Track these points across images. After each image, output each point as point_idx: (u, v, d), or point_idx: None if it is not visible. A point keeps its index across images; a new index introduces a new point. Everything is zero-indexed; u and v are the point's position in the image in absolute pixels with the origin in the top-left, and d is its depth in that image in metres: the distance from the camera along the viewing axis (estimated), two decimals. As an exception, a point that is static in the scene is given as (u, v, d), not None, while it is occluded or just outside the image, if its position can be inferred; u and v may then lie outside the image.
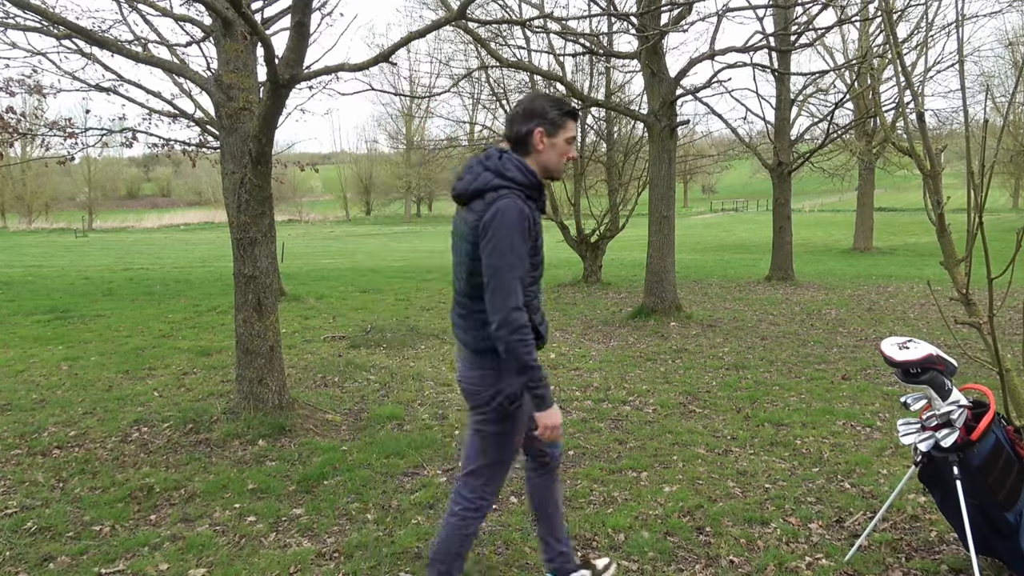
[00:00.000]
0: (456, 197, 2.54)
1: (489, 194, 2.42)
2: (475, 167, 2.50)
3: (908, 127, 3.61)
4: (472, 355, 2.56)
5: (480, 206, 2.41)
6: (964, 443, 2.81)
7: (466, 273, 2.49)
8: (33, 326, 9.46)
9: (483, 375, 2.55)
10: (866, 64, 12.07)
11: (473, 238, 2.42)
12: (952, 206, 3.28)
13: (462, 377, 2.63)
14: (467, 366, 2.60)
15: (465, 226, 2.47)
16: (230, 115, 5.14)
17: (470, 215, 2.45)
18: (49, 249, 28.56)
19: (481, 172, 2.46)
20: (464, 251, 2.48)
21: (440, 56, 22.06)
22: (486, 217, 2.38)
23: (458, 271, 2.56)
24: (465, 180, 2.49)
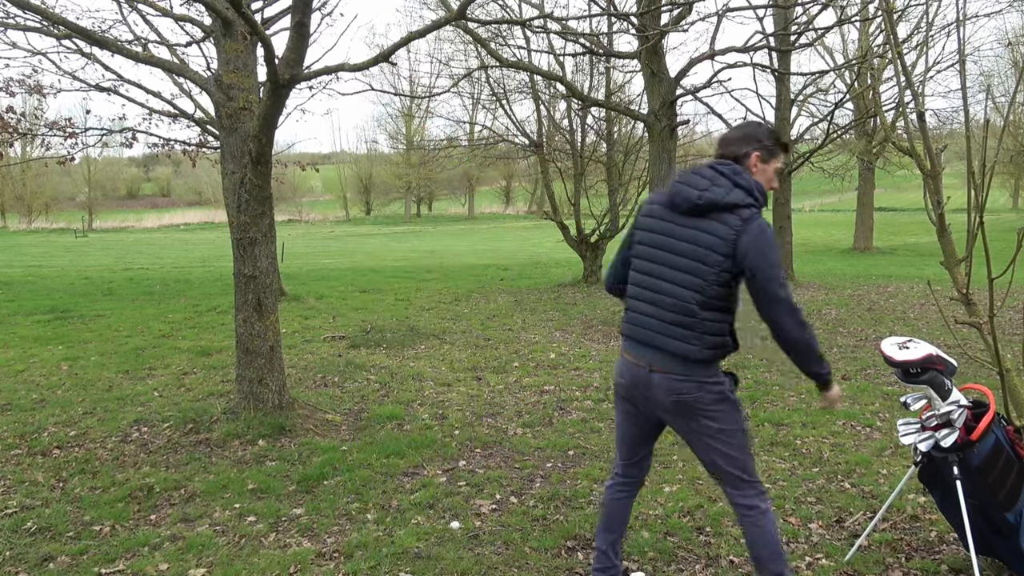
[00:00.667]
0: (697, 207, 2.52)
1: (743, 210, 2.50)
2: (721, 180, 2.54)
3: (908, 127, 3.61)
4: (686, 365, 2.55)
5: (734, 221, 2.48)
6: (964, 443, 2.81)
7: (710, 282, 2.50)
8: (33, 326, 9.46)
9: (701, 382, 2.56)
10: (866, 64, 12.07)
11: (726, 249, 2.47)
12: (952, 206, 3.28)
13: (672, 390, 2.57)
14: (677, 379, 2.56)
15: (709, 236, 2.50)
16: (230, 115, 5.14)
17: (716, 225, 2.49)
18: (49, 249, 28.55)
19: (732, 188, 2.52)
20: (710, 260, 2.49)
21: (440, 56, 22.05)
22: (750, 234, 2.46)
23: (692, 281, 2.53)
24: (714, 191, 2.51)
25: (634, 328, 2.68)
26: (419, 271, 17.11)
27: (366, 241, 34.66)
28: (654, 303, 2.62)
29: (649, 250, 2.67)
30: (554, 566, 3.23)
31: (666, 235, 2.61)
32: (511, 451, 4.75)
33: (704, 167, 2.61)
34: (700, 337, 2.54)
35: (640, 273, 2.69)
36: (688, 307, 2.53)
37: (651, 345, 2.61)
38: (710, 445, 2.63)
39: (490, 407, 5.75)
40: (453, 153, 19.36)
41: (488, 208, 64.25)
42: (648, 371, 2.62)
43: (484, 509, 3.83)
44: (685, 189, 2.56)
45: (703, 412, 2.58)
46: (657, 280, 2.61)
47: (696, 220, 2.54)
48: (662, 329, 2.58)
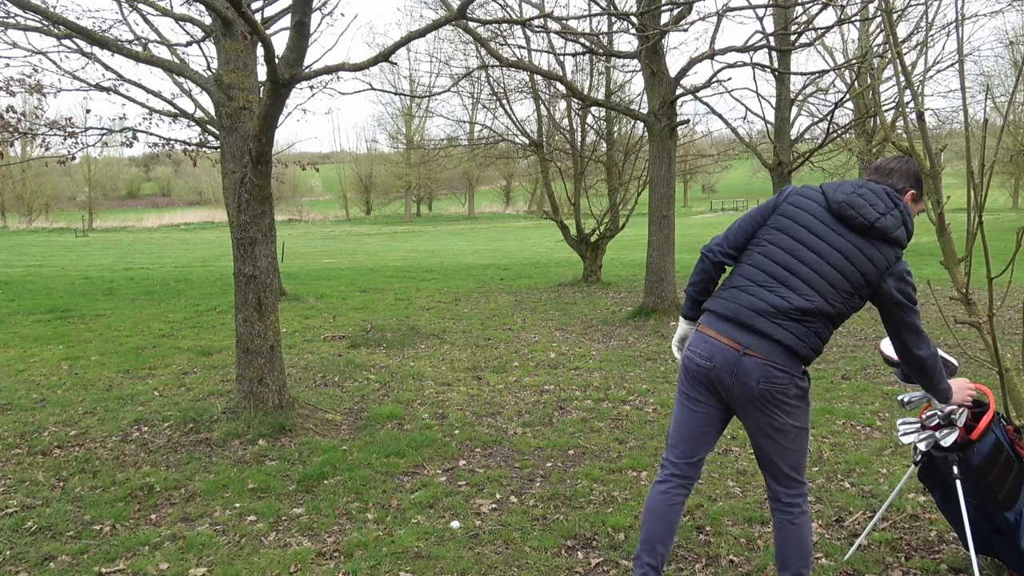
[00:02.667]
0: (867, 228, 2.53)
1: (899, 250, 2.56)
2: (896, 212, 2.56)
3: (908, 126, 3.61)
4: (787, 357, 2.52)
5: (892, 256, 2.54)
6: (964, 442, 2.81)
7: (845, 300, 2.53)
8: (33, 326, 9.46)
9: (792, 375, 2.53)
10: (866, 64, 12.06)
11: (876, 280, 2.52)
12: (952, 205, 3.28)
13: (764, 376, 2.51)
14: (777, 367, 2.51)
15: (867, 261, 2.52)
16: (230, 115, 5.14)
17: (877, 254, 2.52)
18: (49, 249, 28.56)
19: (901, 224, 2.56)
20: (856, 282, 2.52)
21: (440, 56, 22.06)
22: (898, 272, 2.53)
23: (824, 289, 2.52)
24: (889, 221, 2.54)
25: (739, 308, 2.57)
26: (419, 271, 17.12)
27: (366, 241, 34.67)
28: (779, 293, 2.54)
29: (793, 243, 2.58)
30: (554, 566, 3.23)
31: (822, 238, 2.56)
32: (511, 451, 4.75)
33: (882, 190, 2.60)
34: (810, 336, 2.53)
35: (770, 259, 2.60)
36: (817, 310, 2.51)
37: (754, 329, 2.52)
38: (775, 439, 2.58)
39: (490, 407, 5.76)
40: (453, 153, 19.37)
41: (488, 208, 64.26)
42: (741, 354, 2.53)
43: (484, 509, 3.83)
44: (865, 207, 2.54)
45: (784, 405, 2.54)
46: (793, 275, 2.55)
47: (859, 238, 2.54)
48: (776, 318, 2.51)
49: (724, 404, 2.65)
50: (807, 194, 2.66)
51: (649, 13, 8.82)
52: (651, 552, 2.68)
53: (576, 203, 14.34)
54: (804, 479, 2.67)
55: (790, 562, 2.65)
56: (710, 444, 2.74)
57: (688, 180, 61.80)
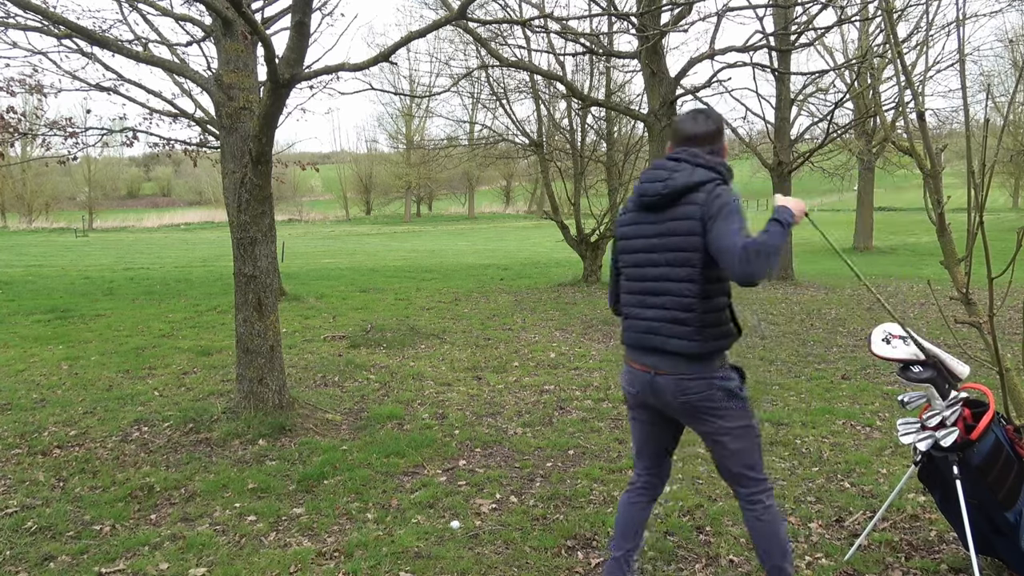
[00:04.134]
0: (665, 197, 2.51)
1: (708, 185, 2.48)
2: (681, 166, 2.54)
3: (908, 126, 3.61)
4: (694, 363, 2.51)
5: (702, 196, 2.46)
6: (964, 442, 2.81)
7: (700, 267, 2.46)
8: (33, 326, 9.46)
9: (708, 379, 2.52)
10: (866, 64, 12.06)
11: (700, 227, 2.44)
12: (952, 205, 3.28)
13: (680, 390, 2.53)
14: (686, 377, 2.52)
15: (686, 222, 2.47)
16: (230, 115, 5.14)
17: (689, 208, 2.47)
18: (49, 249, 28.56)
19: (694, 169, 2.52)
20: (694, 244, 2.45)
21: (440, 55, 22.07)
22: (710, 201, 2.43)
23: (685, 273, 2.49)
24: (677, 177, 2.51)
25: (634, 335, 2.66)
26: (419, 271, 17.11)
27: (366, 241, 34.67)
28: (649, 306, 2.60)
29: (633, 256, 2.66)
30: (554, 565, 3.23)
31: (645, 237, 2.60)
32: (511, 451, 4.75)
33: (663, 160, 2.63)
34: (700, 331, 2.50)
35: (631, 280, 2.68)
36: (685, 301, 2.50)
37: (653, 349, 2.59)
38: (720, 443, 2.60)
39: (490, 407, 5.76)
40: (453, 153, 19.37)
41: (488, 208, 64.25)
42: (653, 375, 2.59)
43: (484, 508, 3.83)
44: (652, 185, 2.57)
45: (712, 411, 2.54)
46: (650, 283, 2.60)
47: (669, 211, 2.53)
48: (661, 330, 2.56)
49: (664, 416, 2.72)
50: (626, 208, 2.72)
51: (649, 13, 8.82)
52: (620, 546, 2.86)
53: (576, 203, 14.35)
54: (761, 475, 2.66)
55: (770, 555, 2.67)
56: (670, 446, 2.85)
57: (688, 180, 61.61)
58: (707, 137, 2.63)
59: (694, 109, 2.74)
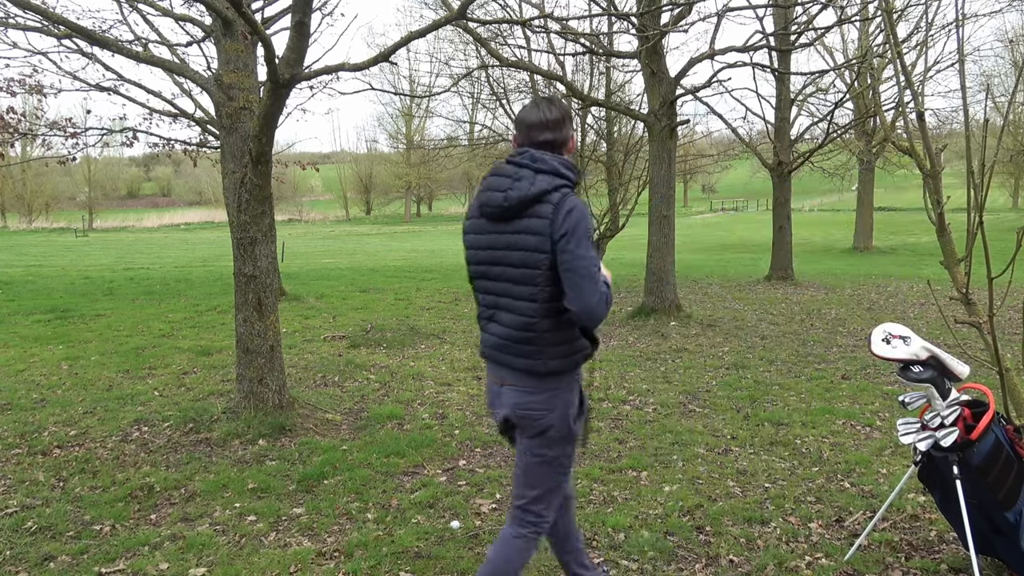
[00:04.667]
0: (507, 208, 2.34)
1: (553, 195, 2.31)
2: (523, 173, 2.35)
3: (908, 126, 3.61)
4: (535, 380, 2.40)
5: (547, 209, 2.29)
6: (964, 442, 2.81)
7: (542, 286, 2.32)
8: (33, 326, 9.46)
9: (548, 397, 2.41)
10: (866, 64, 12.07)
11: (548, 245, 2.28)
12: (952, 205, 3.28)
13: (518, 404, 2.43)
14: (525, 392, 2.42)
15: (529, 237, 2.31)
16: (230, 115, 5.14)
17: (533, 222, 2.30)
18: (49, 249, 28.56)
19: (535, 175, 2.33)
20: (536, 262, 2.31)
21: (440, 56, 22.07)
22: (562, 214, 2.27)
23: (527, 291, 2.34)
24: (519, 187, 2.32)
25: (486, 349, 2.53)
26: (419, 271, 17.12)
27: (366, 241, 34.67)
28: (497, 321, 2.46)
29: (479, 267, 2.50)
30: (554, 565, 3.23)
31: (489, 248, 2.44)
32: (511, 450, 4.74)
33: (504, 165, 2.42)
34: (543, 351, 2.37)
35: (481, 293, 2.53)
36: (527, 321, 2.36)
37: (501, 362, 2.47)
38: (531, 460, 2.48)
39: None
40: (453, 153, 19.36)
41: (488, 208, 64.06)
42: (500, 386, 2.50)
43: (484, 508, 3.83)
44: (493, 195, 2.37)
45: (541, 433, 2.43)
46: (495, 297, 2.46)
47: (512, 224, 2.35)
48: (506, 347, 2.43)
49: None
50: (471, 214, 2.53)
51: (649, 13, 8.82)
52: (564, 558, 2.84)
53: (576, 203, 14.32)
54: (546, 512, 2.52)
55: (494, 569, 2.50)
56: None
57: (688, 180, 61.80)
58: (551, 125, 2.41)
59: (538, 97, 2.56)
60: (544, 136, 2.42)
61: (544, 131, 2.42)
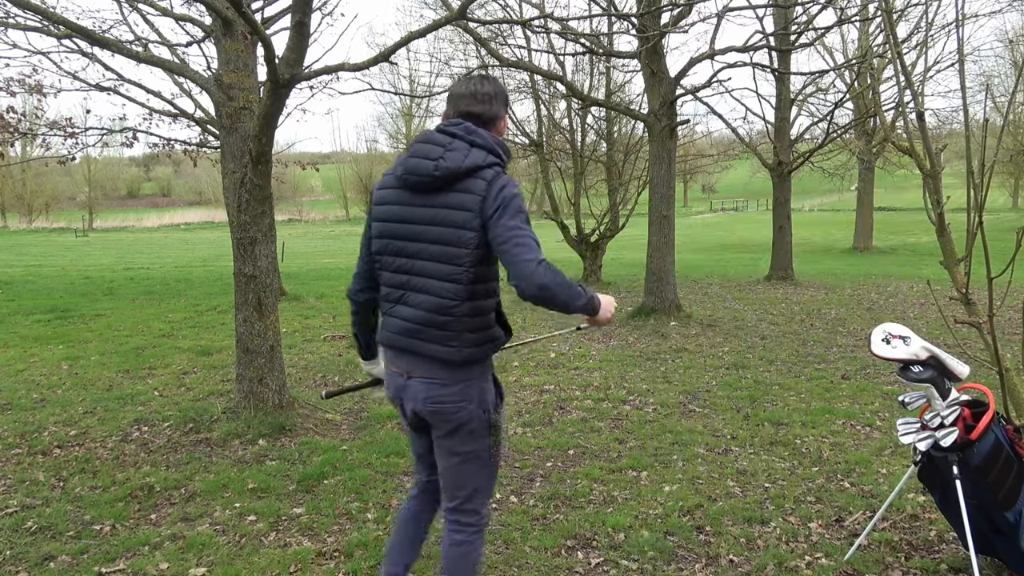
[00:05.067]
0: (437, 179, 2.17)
1: (486, 171, 2.18)
2: (456, 143, 2.20)
3: (908, 126, 3.61)
4: (448, 370, 2.25)
5: (479, 185, 2.16)
6: (964, 442, 2.81)
7: (466, 266, 2.17)
8: (33, 325, 9.46)
9: (463, 388, 2.27)
10: (866, 64, 12.07)
11: (476, 222, 2.15)
12: (952, 205, 3.28)
13: (430, 398, 2.27)
14: (437, 384, 2.26)
15: (457, 212, 2.16)
16: (230, 115, 5.14)
17: (462, 197, 2.16)
18: (49, 248, 28.56)
19: (469, 149, 2.19)
20: (463, 240, 2.16)
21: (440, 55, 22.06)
22: (495, 192, 2.15)
23: (446, 271, 2.20)
24: (451, 158, 2.17)
25: (391, 335, 2.34)
26: (419, 271, 17.09)
27: (366, 241, 34.60)
28: (407, 303, 2.28)
29: (392, 242, 2.30)
30: (554, 565, 3.23)
31: (409, 222, 2.25)
32: (511, 450, 4.75)
33: (434, 133, 2.26)
34: (460, 335, 2.23)
35: (387, 271, 2.33)
36: (446, 303, 2.20)
37: (409, 350, 2.29)
38: (453, 458, 2.36)
39: (490, 407, 5.75)
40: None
41: (488, 208, 64.11)
42: (407, 378, 2.33)
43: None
44: (421, 163, 2.19)
45: (459, 427, 2.30)
46: (407, 276, 2.27)
47: (437, 196, 2.20)
48: (418, 332, 2.25)
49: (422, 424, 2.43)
50: (386, 183, 2.35)
51: (649, 14, 8.82)
52: (396, 561, 2.59)
53: (576, 203, 14.35)
54: (482, 508, 2.43)
55: None
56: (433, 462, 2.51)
57: (688, 180, 61.79)
58: (480, 97, 2.29)
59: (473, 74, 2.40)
60: (472, 108, 2.29)
61: (473, 103, 2.29)
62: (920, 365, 2.86)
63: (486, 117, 2.30)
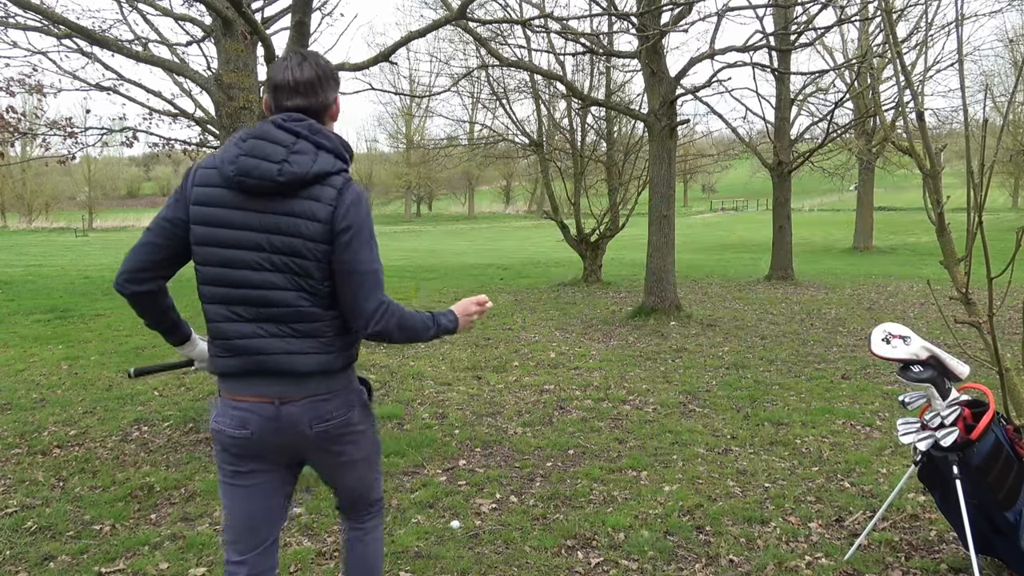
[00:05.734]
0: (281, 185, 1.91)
1: (335, 178, 1.96)
2: (302, 145, 1.94)
3: (908, 126, 3.61)
4: (329, 379, 2.04)
5: (329, 194, 1.94)
6: (964, 442, 2.81)
7: (322, 279, 1.96)
8: (33, 325, 9.46)
9: (343, 398, 2.09)
10: (866, 64, 12.07)
11: (327, 234, 1.93)
12: (952, 205, 3.28)
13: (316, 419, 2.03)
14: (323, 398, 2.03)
15: (306, 222, 1.92)
16: (230, 114, 5.14)
17: (311, 205, 1.93)
18: (49, 248, 28.55)
19: (317, 153, 1.95)
20: (315, 252, 1.94)
21: (440, 55, 22.07)
22: (345, 206, 1.94)
23: (296, 282, 1.95)
24: (298, 163, 1.91)
25: (239, 360, 1.99)
26: (419, 270, 17.12)
27: (366, 240, 34.58)
28: (256, 319, 1.98)
29: (221, 252, 1.96)
30: (554, 565, 3.23)
31: (243, 228, 1.95)
32: (511, 450, 4.75)
33: (273, 128, 1.95)
34: (334, 340, 2.03)
35: (216, 285, 2.00)
36: (306, 311, 1.98)
37: (275, 372, 1.98)
38: (352, 469, 2.21)
39: (490, 406, 5.76)
40: (453, 152, 19.39)
41: (488, 207, 64.29)
42: (278, 405, 2.00)
43: (484, 508, 3.83)
44: (258, 164, 1.90)
45: (349, 435, 2.12)
46: (250, 290, 1.97)
47: (281, 203, 1.93)
48: (284, 347, 1.98)
49: (284, 462, 2.14)
50: (208, 179, 1.97)
51: (649, 13, 8.82)
52: None
53: (576, 203, 14.35)
54: (380, 494, 2.39)
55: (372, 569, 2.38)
56: (280, 519, 2.21)
57: (688, 180, 61.82)
58: (301, 88, 1.98)
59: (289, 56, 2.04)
60: (294, 101, 1.99)
61: (294, 95, 1.98)
62: (920, 365, 2.86)
63: (313, 109, 2.01)
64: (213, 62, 8.14)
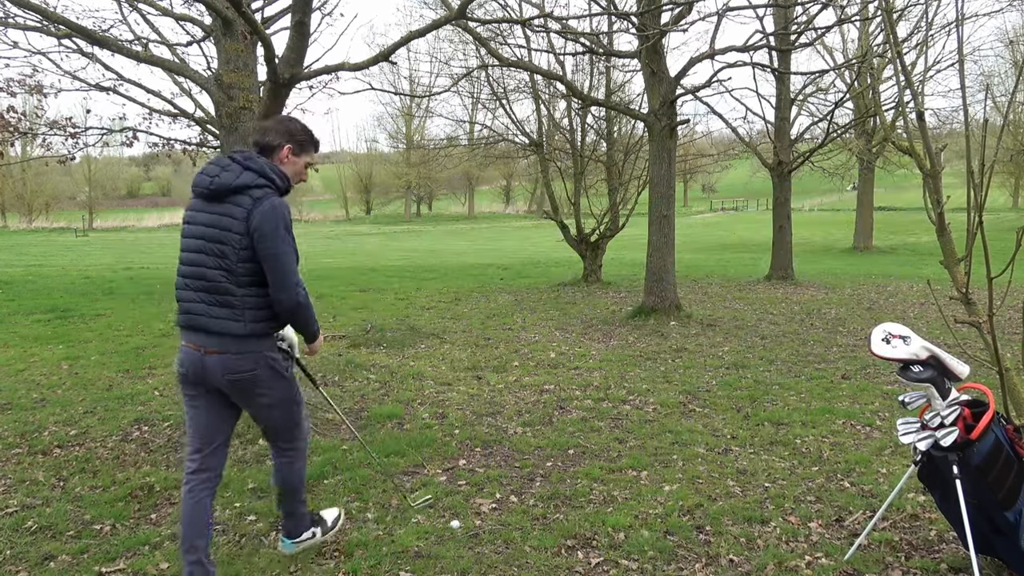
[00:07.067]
0: (212, 192, 2.77)
1: (255, 191, 2.77)
2: (232, 166, 2.80)
3: (908, 126, 3.61)
4: (239, 341, 2.78)
5: (246, 201, 2.75)
6: (964, 442, 2.81)
7: (234, 261, 2.74)
8: (34, 325, 9.46)
9: (255, 356, 2.82)
10: (866, 64, 12.07)
11: (242, 228, 2.73)
12: (952, 205, 3.28)
13: (228, 370, 2.79)
14: (232, 357, 2.79)
15: (228, 219, 2.74)
16: (230, 114, 5.14)
17: (232, 208, 2.75)
18: (49, 248, 28.56)
19: (242, 171, 2.78)
20: (230, 240, 2.74)
21: (440, 55, 22.07)
22: (260, 211, 2.73)
23: (218, 262, 2.75)
24: (224, 176, 2.77)
25: (187, 315, 2.84)
26: (419, 270, 17.12)
27: (366, 240, 34.68)
28: (198, 288, 2.81)
29: (187, 240, 2.86)
30: (554, 565, 3.23)
31: (198, 223, 2.83)
32: (511, 450, 4.75)
33: (223, 157, 2.86)
34: (242, 313, 2.78)
35: (185, 264, 2.87)
36: (224, 286, 2.77)
37: (201, 329, 2.80)
38: (266, 414, 2.98)
39: (490, 406, 5.76)
40: (453, 152, 19.36)
41: (488, 207, 64.30)
42: (203, 354, 2.80)
43: (484, 508, 3.83)
44: (201, 178, 2.82)
45: (259, 386, 2.86)
46: (198, 267, 2.81)
47: (217, 205, 2.78)
48: (207, 311, 2.78)
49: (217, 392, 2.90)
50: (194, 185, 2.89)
51: (649, 13, 8.82)
52: (191, 550, 2.92)
53: (576, 203, 14.34)
54: (300, 441, 3.13)
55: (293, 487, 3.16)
56: (224, 430, 3.01)
57: (688, 180, 61.83)
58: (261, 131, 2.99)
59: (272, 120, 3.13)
60: (255, 138, 3.00)
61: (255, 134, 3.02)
62: (920, 365, 2.86)
63: (261, 144, 2.95)
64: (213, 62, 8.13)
